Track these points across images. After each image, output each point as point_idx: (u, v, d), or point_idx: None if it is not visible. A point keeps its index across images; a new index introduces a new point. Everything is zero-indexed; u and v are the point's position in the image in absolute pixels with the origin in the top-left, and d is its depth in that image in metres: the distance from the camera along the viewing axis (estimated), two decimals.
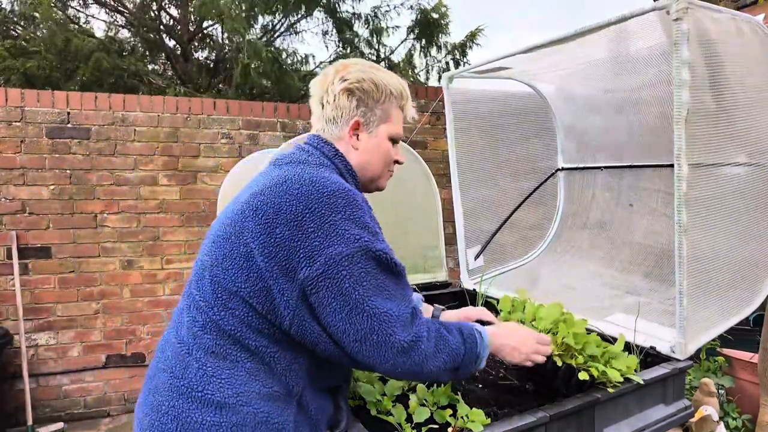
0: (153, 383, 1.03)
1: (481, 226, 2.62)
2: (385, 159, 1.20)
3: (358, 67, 1.15)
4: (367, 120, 1.15)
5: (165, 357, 1.04)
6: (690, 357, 1.52)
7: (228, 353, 0.97)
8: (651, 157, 2.33)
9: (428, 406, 1.22)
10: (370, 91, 1.14)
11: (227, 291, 0.98)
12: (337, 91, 1.13)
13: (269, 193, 1.00)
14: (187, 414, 0.95)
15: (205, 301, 1.01)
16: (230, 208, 1.07)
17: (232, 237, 1.00)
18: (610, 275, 2.39)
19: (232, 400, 0.94)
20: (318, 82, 1.17)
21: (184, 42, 7.16)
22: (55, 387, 3.40)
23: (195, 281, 1.05)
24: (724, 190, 1.64)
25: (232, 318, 0.97)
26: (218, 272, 1.00)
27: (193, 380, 0.96)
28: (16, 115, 3.27)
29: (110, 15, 7.11)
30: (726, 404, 2.78)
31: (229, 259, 0.99)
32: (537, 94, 2.65)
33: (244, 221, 0.99)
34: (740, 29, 1.61)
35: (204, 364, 0.97)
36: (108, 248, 3.48)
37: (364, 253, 0.97)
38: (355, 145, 1.16)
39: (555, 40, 1.80)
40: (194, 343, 0.99)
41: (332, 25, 7.48)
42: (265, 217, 0.97)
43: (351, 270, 0.95)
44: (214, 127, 3.70)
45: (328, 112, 1.15)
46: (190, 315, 1.02)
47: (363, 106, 1.14)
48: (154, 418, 0.98)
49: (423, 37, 7.52)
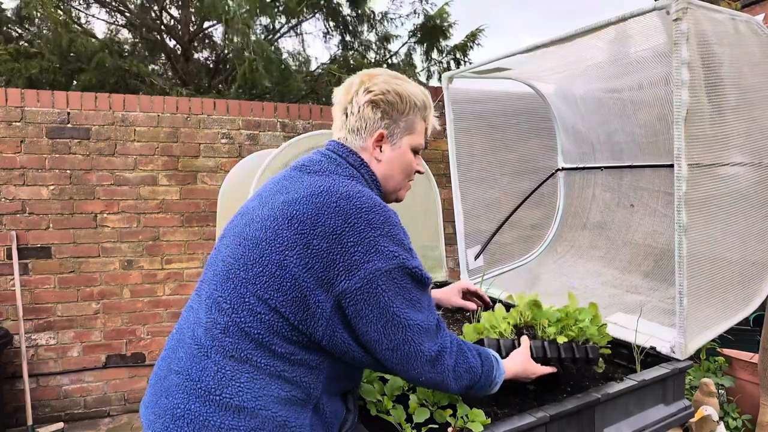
0: (164, 384, 1.01)
1: (481, 226, 2.62)
2: (407, 170, 1.21)
3: (383, 78, 1.15)
4: (391, 132, 1.16)
5: (178, 358, 1.02)
6: (690, 357, 1.52)
7: (249, 357, 0.96)
8: (651, 157, 2.33)
9: (428, 406, 1.22)
10: (395, 102, 1.14)
11: (256, 297, 0.97)
12: (362, 103, 1.13)
13: (305, 203, 1.00)
14: (205, 417, 0.94)
15: (229, 304, 0.99)
16: (258, 212, 1.05)
17: (263, 243, 0.99)
18: (610, 275, 2.39)
19: (251, 404, 0.94)
20: (342, 91, 1.17)
21: (185, 42, 7.16)
22: (55, 387, 3.40)
23: (219, 282, 1.03)
24: (724, 190, 1.64)
25: (258, 324, 0.97)
26: (247, 277, 0.99)
27: (210, 383, 0.95)
28: (16, 115, 3.27)
29: (111, 15, 7.11)
30: (726, 404, 2.78)
31: (260, 266, 0.98)
32: (537, 94, 2.65)
33: (277, 229, 0.99)
34: (740, 29, 1.62)
35: (222, 367, 0.96)
36: (108, 248, 3.48)
37: (401, 270, 1.00)
38: (378, 156, 1.16)
39: (555, 40, 1.80)
40: (212, 345, 0.98)
41: (334, 27, 7.49)
42: (302, 227, 0.97)
43: (389, 285, 0.98)
44: (214, 127, 3.70)
45: (352, 122, 1.15)
46: (211, 317, 1.00)
47: (387, 118, 1.14)
48: (168, 421, 0.96)
49: (425, 41, 7.53)
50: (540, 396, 1.31)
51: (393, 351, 1.00)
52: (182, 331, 1.06)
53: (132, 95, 3.57)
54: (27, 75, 5.52)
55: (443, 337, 1.07)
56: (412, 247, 1.07)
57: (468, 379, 1.10)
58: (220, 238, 1.13)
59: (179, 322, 1.10)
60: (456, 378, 1.07)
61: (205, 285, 1.07)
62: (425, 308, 1.05)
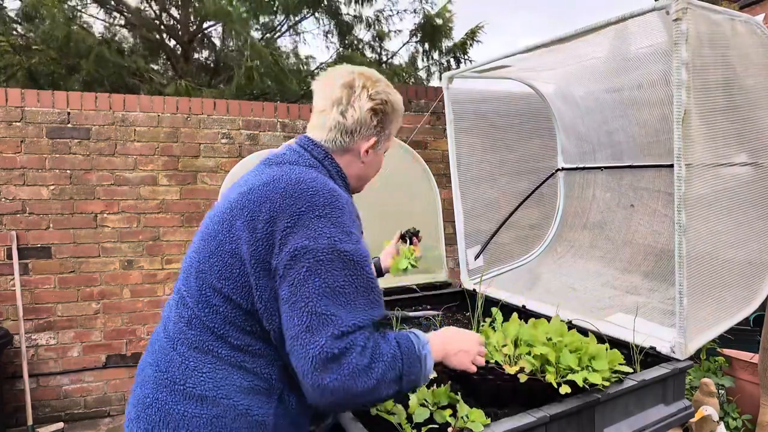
0: (141, 376, 1.07)
1: (481, 226, 2.62)
2: (377, 169, 1.29)
3: (383, 87, 1.18)
4: (379, 139, 1.21)
5: (153, 350, 1.07)
6: (690, 357, 1.52)
7: (210, 348, 1.00)
8: (651, 157, 2.33)
9: (428, 406, 1.22)
10: (389, 113, 1.19)
11: (212, 288, 1.00)
12: (364, 108, 1.15)
13: (257, 192, 1.02)
14: (170, 406, 0.98)
15: (191, 297, 1.03)
16: (219, 207, 1.10)
17: (219, 235, 1.02)
18: (610, 275, 2.39)
19: (213, 393, 0.97)
20: (341, 89, 1.15)
21: (185, 42, 7.16)
22: (55, 387, 3.40)
23: (183, 278, 1.08)
24: (723, 190, 1.64)
25: (215, 315, 1.00)
26: (204, 269, 1.02)
27: (176, 374, 1.00)
28: (17, 115, 3.27)
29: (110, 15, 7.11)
30: (726, 404, 2.78)
31: (216, 256, 1.01)
32: (537, 94, 2.65)
33: (232, 220, 1.02)
34: (739, 30, 1.62)
35: (186, 358, 1.00)
36: (108, 248, 3.48)
37: (330, 252, 0.95)
38: (364, 159, 1.20)
39: (555, 40, 1.80)
40: (179, 338, 1.02)
41: (334, 26, 7.49)
42: (251, 215, 0.99)
43: (311, 265, 0.94)
44: (214, 127, 3.70)
45: (349, 123, 1.15)
46: (178, 311, 1.05)
47: (380, 126, 1.19)
48: (139, 409, 1.02)
49: (426, 41, 7.53)
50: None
51: (294, 339, 0.92)
52: (160, 327, 1.11)
53: (132, 95, 3.57)
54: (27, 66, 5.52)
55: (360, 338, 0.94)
56: (359, 235, 1.04)
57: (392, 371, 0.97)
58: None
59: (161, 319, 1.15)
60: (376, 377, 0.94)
61: (178, 282, 1.12)
62: (351, 305, 0.95)
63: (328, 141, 1.17)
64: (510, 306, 2.15)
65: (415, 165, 2.56)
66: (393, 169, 2.40)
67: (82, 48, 5.77)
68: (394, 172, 2.40)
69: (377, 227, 2.55)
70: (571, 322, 1.80)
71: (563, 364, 1.32)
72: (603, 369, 1.32)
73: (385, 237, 2.61)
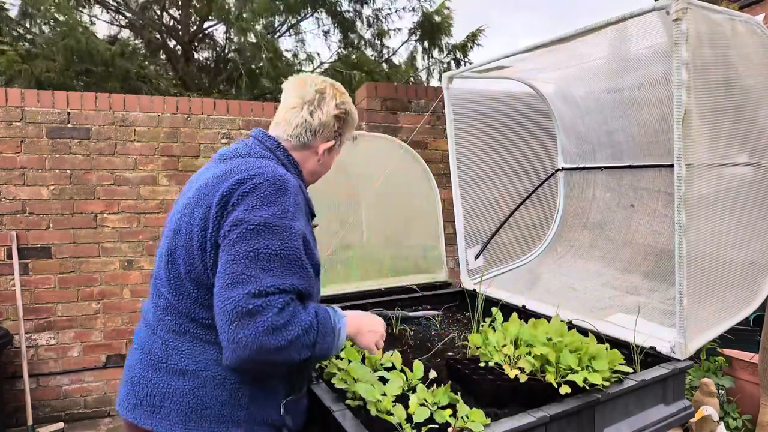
0: (130, 360, 1.21)
1: (481, 226, 2.62)
2: (328, 169, 1.43)
3: (347, 98, 1.36)
4: (336, 143, 1.37)
5: (138, 337, 1.22)
6: (690, 357, 1.52)
7: (187, 330, 1.13)
8: (651, 157, 2.33)
9: (428, 406, 1.22)
10: (349, 121, 1.37)
11: (179, 276, 1.13)
12: (331, 113, 1.30)
13: (212, 184, 1.13)
14: (156, 381, 1.11)
15: (164, 288, 1.16)
16: (179, 204, 1.21)
17: (183, 227, 1.14)
18: (610, 275, 2.39)
19: (192, 367, 1.10)
20: (314, 93, 1.30)
21: (185, 43, 7.16)
22: (55, 387, 3.40)
23: (156, 271, 1.21)
24: (724, 190, 1.64)
25: (186, 299, 1.12)
26: (172, 260, 1.14)
27: (159, 354, 1.13)
28: (17, 115, 3.27)
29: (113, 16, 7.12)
30: (726, 404, 2.78)
31: (180, 248, 1.13)
32: (537, 94, 2.65)
33: (191, 213, 1.13)
34: (739, 30, 1.62)
35: (166, 340, 1.13)
36: (108, 248, 3.48)
37: (263, 223, 1.05)
38: (320, 158, 1.34)
39: (555, 40, 1.80)
40: (158, 324, 1.16)
41: (333, 26, 7.49)
42: (207, 203, 1.11)
43: (241, 233, 1.04)
44: (215, 127, 3.70)
45: (315, 123, 1.29)
46: (154, 302, 1.19)
47: (340, 132, 1.36)
48: (129, 387, 1.15)
49: (425, 38, 7.53)
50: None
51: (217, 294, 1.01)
52: (142, 317, 1.26)
53: (132, 95, 3.57)
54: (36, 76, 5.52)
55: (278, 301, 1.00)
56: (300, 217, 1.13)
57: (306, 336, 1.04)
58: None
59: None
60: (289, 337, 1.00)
61: (152, 279, 1.24)
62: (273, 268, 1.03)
63: (293, 136, 1.29)
64: (510, 306, 2.15)
65: (415, 165, 2.56)
66: (393, 169, 2.40)
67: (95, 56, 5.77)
68: (394, 172, 2.40)
69: (377, 227, 2.55)
70: (571, 322, 1.80)
71: (563, 364, 1.32)
72: (603, 369, 1.32)
73: (386, 237, 2.62)
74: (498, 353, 1.46)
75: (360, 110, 4.13)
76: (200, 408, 1.08)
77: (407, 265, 2.60)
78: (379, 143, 2.57)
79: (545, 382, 1.29)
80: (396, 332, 1.98)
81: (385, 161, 2.41)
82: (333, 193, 2.40)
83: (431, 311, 2.25)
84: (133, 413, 1.12)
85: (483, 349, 1.54)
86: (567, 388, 1.26)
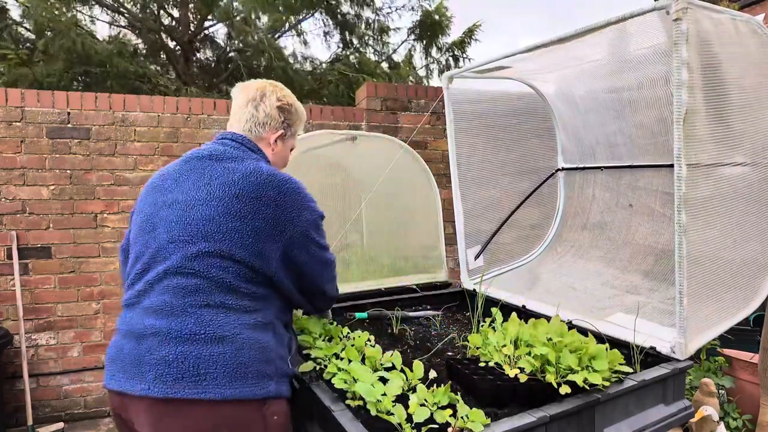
0: (139, 350, 1.21)
1: (481, 226, 2.62)
2: (286, 161, 1.63)
3: (288, 93, 1.57)
4: (285, 133, 1.55)
5: (145, 326, 1.22)
6: (690, 357, 1.52)
7: (222, 303, 1.25)
8: (651, 157, 2.33)
9: (428, 406, 1.22)
10: (294, 113, 1.56)
11: (222, 257, 1.26)
12: (274, 105, 1.51)
13: (244, 183, 1.31)
14: (197, 353, 1.19)
15: (199, 267, 1.25)
16: (193, 196, 1.31)
17: (217, 217, 1.28)
18: (610, 275, 2.39)
19: (230, 333, 1.22)
20: (253, 90, 1.51)
21: (185, 43, 7.16)
22: (55, 387, 3.40)
23: (176, 257, 1.26)
24: (723, 190, 1.63)
25: (228, 274, 1.26)
26: (209, 244, 1.26)
27: (193, 328, 1.20)
28: (17, 115, 3.27)
29: (111, 16, 7.11)
30: (726, 404, 2.78)
31: (220, 233, 1.27)
32: (537, 94, 2.65)
33: (227, 205, 1.28)
34: (740, 29, 1.62)
35: (200, 315, 1.22)
36: (108, 248, 3.48)
37: (319, 216, 1.44)
38: (274, 148, 1.53)
39: (555, 40, 1.80)
40: (186, 302, 1.23)
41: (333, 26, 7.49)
42: (249, 200, 1.29)
43: (314, 227, 1.41)
44: (215, 127, 3.70)
45: (261, 116, 1.49)
46: (179, 282, 1.25)
47: (286, 122, 1.54)
48: (162, 367, 1.18)
49: (424, 38, 7.53)
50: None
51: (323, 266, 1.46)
52: (140, 302, 1.28)
53: (132, 95, 3.57)
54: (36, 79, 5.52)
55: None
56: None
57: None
58: (144, 231, 1.35)
59: (122, 316, 1.32)
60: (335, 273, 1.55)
61: (155, 268, 1.28)
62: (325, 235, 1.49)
63: (245, 131, 1.49)
64: (510, 306, 2.15)
65: (415, 165, 2.56)
66: (393, 169, 2.40)
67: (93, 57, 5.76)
68: (394, 172, 2.40)
69: (377, 227, 2.55)
70: (571, 322, 1.80)
71: (563, 365, 1.32)
72: (603, 369, 1.32)
73: (386, 237, 2.62)
74: (498, 353, 1.47)
75: (360, 110, 4.14)
76: (242, 368, 1.21)
77: (407, 265, 2.60)
78: (379, 143, 2.57)
79: (545, 382, 1.29)
80: (396, 332, 1.98)
81: (385, 161, 2.41)
82: (333, 193, 2.40)
83: (431, 311, 2.25)
84: (173, 388, 1.16)
85: (483, 349, 1.54)
86: (567, 388, 1.26)
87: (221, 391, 1.17)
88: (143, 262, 1.32)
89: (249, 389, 1.21)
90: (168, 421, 1.18)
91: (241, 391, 1.20)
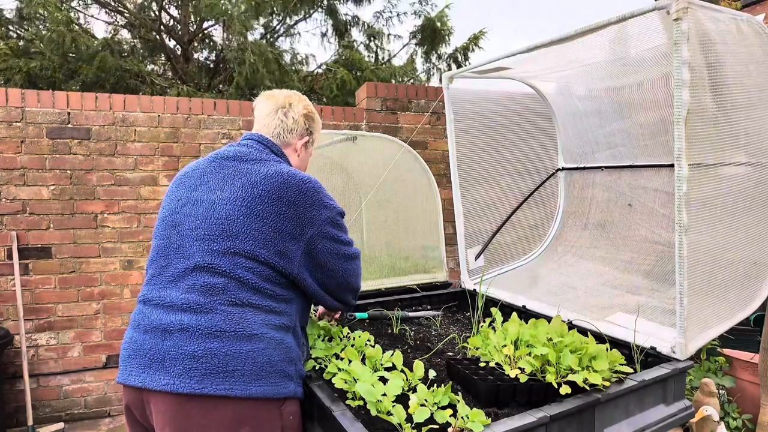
0: (164, 346, 1.22)
1: (481, 226, 2.62)
2: (307, 165, 1.70)
3: (309, 102, 1.66)
4: (310, 139, 1.65)
5: (170, 321, 1.23)
6: (690, 357, 1.52)
7: (250, 302, 1.28)
8: (651, 157, 2.33)
9: (428, 406, 1.22)
10: (316, 121, 1.66)
11: (246, 257, 1.29)
12: (301, 113, 1.59)
13: (266, 184, 1.35)
14: (227, 349, 1.21)
15: (225, 266, 1.27)
16: (217, 197, 1.35)
17: (241, 218, 1.31)
18: (610, 275, 2.39)
19: (258, 332, 1.26)
20: (284, 100, 1.59)
21: (184, 42, 7.16)
22: (56, 387, 3.41)
23: (201, 256, 1.28)
24: (724, 190, 1.63)
25: (253, 275, 1.29)
26: (234, 244, 1.29)
27: (221, 325, 1.23)
28: (17, 116, 3.27)
29: (111, 15, 7.11)
30: (726, 404, 2.78)
31: (244, 234, 1.30)
32: (537, 94, 2.65)
33: (250, 206, 1.32)
34: (740, 29, 1.61)
35: (229, 313, 1.25)
36: (108, 248, 3.48)
37: (338, 213, 1.48)
38: (300, 153, 1.61)
39: (555, 40, 1.80)
40: (214, 300, 1.25)
41: (332, 27, 7.49)
42: (271, 201, 1.33)
43: (334, 224, 1.45)
44: (215, 128, 3.70)
45: (290, 123, 1.57)
46: (205, 281, 1.27)
47: (310, 130, 1.63)
48: (189, 362, 1.19)
49: (426, 44, 7.53)
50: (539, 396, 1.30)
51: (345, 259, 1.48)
52: (164, 298, 1.28)
53: (132, 95, 3.57)
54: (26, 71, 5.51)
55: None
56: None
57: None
58: (167, 225, 1.38)
59: (139, 311, 1.32)
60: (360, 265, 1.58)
61: (177, 264, 1.30)
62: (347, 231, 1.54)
63: (273, 136, 1.55)
64: (510, 306, 2.15)
65: (415, 165, 2.56)
66: (393, 169, 2.40)
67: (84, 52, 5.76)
68: (394, 172, 2.40)
69: (377, 227, 2.55)
70: (571, 322, 1.80)
71: (563, 365, 1.32)
72: (603, 369, 1.32)
73: (386, 237, 2.62)
74: (498, 353, 1.46)
75: (360, 110, 4.14)
76: (268, 365, 1.25)
77: (407, 265, 2.60)
78: (379, 143, 2.57)
79: (545, 382, 1.29)
80: (396, 332, 1.98)
81: (385, 161, 2.41)
82: (333, 193, 2.40)
83: (431, 311, 2.25)
84: (200, 384, 1.18)
85: (483, 349, 1.54)
86: (567, 389, 1.26)
87: (247, 388, 1.20)
88: (165, 257, 1.34)
89: (272, 388, 1.24)
90: (191, 417, 1.19)
91: (265, 390, 1.22)
